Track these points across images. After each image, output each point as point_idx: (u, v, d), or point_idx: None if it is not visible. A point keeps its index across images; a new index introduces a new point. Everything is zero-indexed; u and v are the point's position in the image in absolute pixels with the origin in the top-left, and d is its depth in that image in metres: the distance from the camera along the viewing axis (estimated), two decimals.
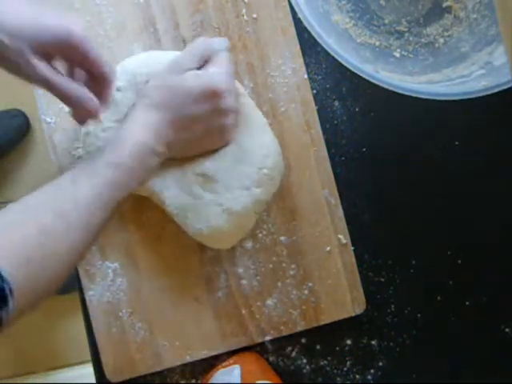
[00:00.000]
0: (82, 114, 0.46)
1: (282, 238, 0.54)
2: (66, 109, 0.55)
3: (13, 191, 1.25)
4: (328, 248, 0.54)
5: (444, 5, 0.55)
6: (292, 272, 0.54)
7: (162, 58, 0.52)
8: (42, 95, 0.55)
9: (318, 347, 0.55)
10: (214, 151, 0.50)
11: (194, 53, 0.49)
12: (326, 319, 0.54)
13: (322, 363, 0.55)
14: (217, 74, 0.48)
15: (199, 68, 0.49)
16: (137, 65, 0.52)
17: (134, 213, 0.54)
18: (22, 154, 1.22)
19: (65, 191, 0.42)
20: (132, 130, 0.46)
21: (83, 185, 0.43)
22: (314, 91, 0.56)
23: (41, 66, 0.42)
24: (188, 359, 0.54)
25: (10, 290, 0.35)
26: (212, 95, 0.47)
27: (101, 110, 0.46)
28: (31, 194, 0.42)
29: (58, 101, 0.54)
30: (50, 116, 0.55)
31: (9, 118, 1.16)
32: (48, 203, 0.41)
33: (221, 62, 0.49)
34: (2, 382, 1.19)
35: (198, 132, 0.48)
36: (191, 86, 0.47)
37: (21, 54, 0.41)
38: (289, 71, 0.55)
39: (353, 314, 0.54)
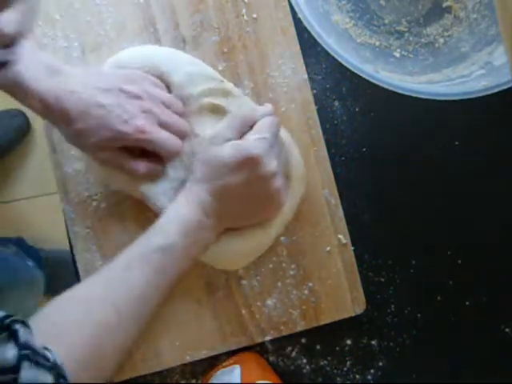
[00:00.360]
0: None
1: (282, 238, 0.54)
2: None
3: (13, 191, 1.25)
4: (328, 248, 0.54)
5: (444, 5, 0.55)
6: (292, 272, 0.54)
7: (156, 52, 0.52)
8: None
9: (318, 347, 0.55)
10: None
11: (233, 124, 0.49)
12: (326, 319, 0.54)
13: (322, 363, 0.55)
14: (254, 140, 0.47)
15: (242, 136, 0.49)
16: (130, 58, 0.52)
17: (134, 213, 0.54)
18: (22, 153, 1.22)
19: (118, 281, 0.44)
20: (178, 207, 0.47)
21: (135, 273, 0.43)
22: (314, 91, 0.56)
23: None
24: (188, 359, 0.54)
25: None
26: (248, 163, 0.46)
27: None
28: (88, 282, 0.44)
29: None
30: None
31: (9, 117, 1.16)
32: (103, 298, 0.42)
33: (261, 127, 0.48)
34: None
35: (243, 200, 0.48)
36: (226, 156, 0.47)
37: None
38: (289, 71, 0.55)
39: (353, 314, 0.54)
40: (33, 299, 1.07)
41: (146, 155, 0.50)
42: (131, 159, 0.49)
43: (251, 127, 0.49)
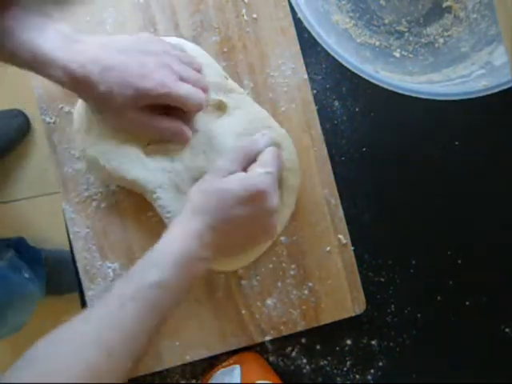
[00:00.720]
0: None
1: (282, 238, 0.54)
2: (66, 109, 0.55)
3: (13, 191, 1.25)
4: (328, 248, 0.54)
5: (444, 5, 0.55)
6: (292, 272, 0.54)
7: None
8: (42, 95, 0.55)
9: (318, 347, 0.55)
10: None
11: (237, 156, 0.48)
12: (326, 319, 0.54)
13: (322, 363, 0.55)
14: (260, 175, 0.47)
15: (245, 168, 0.48)
16: None
17: (134, 213, 0.54)
18: (22, 154, 1.21)
19: (111, 320, 0.42)
20: (174, 239, 0.46)
21: (129, 311, 0.42)
22: (314, 91, 0.56)
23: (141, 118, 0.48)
24: (188, 359, 0.54)
25: None
26: (256, 198, 0.46)
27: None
28: (79, 321, 0.42)
29: (57, 101, 0.55)
30: (50, 116, 0.55)
31: (9, 118, 1.16)
32: (95, 338, 0.41)
33: (265, 161, 0.48)
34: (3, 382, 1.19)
35: (241, 234, 0.48)
36: (233, 189, 0.46)
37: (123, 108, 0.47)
38: (289, 71, 0.55)
39: (353, 314, 0.54)
40: (27, 313, 1.07)
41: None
42: (158, 117, 0.49)
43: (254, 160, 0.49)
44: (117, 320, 0.42)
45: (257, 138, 0.50)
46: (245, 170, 0.48)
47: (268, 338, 0.54)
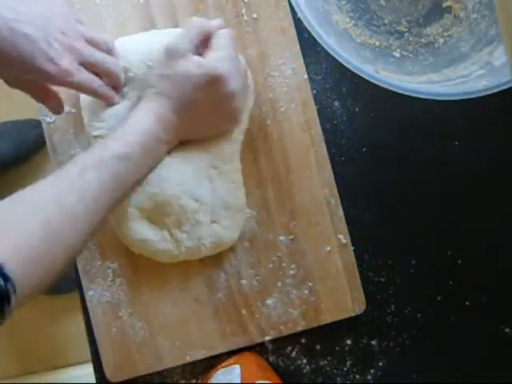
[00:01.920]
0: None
1: (282, 238, 0.54)
2: (66, 109, 0.55)
3: (13, 191, 1.25)
4: (328, 248, 0.54)
5: (444, 5, 0.55)
6: (292, 272, 0.54)
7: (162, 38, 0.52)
8: None
9: (318, 347, 0.55)
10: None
11: (191, 35, 0.48)
12: (326, 319, 0.54)
13: (322, 363, 0.55)
14: (219, 59, 0.47)
15: (199, 52, 0.48)
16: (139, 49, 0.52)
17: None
18: (37, 164, 1.22)
19: (71, 185, 0.43)
20: (138, 119, 0.47)
21: (90, 178, 0.43)
22: (314, 91, 0.56)
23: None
24: (188, 359, 0.54)
25: (14, 289, 0.36)
26: (215, 82, 0.47)
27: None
28: (38, 185, 0.42)
29: None
30: (50, 116, 0.55)
31: (28, 128, 1.17)
32: (54, 199, 0.41)
33: (223, 45, 0.48)
34: (3, 381, 1.19)
35: (204, 117, 0.49)
36: (192, 74, 0.47)
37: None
38: (289, 71, 0.55)
39: (353, 314, 0.54)
40: None
41: None
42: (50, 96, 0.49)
43: (205, 41, 0.49)
44: (76, 185, 0.42)
45: (208, 20, 0.49)
46: (199, 54, 0.48)
47: (268, 338, 0.54)
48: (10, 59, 0.43)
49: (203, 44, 0.49)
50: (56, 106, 0.50)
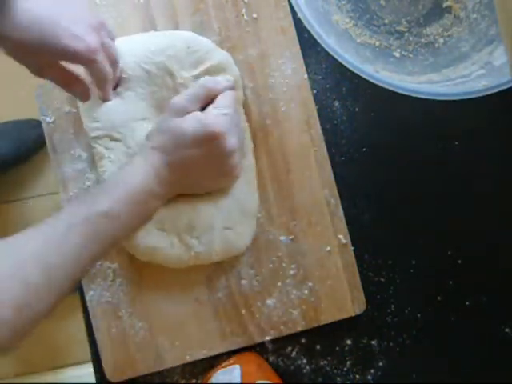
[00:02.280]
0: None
1: (282, 238, 0.54)
2: (66, 109, 0.55)
3: (13, 191, 1.25)
4: (328, 248, 0.54)
5: (444, 5, 0.55)
6: (292, 272, 0.54)
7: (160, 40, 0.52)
8: (42, 95, 0.55)
9: (318, 347, 0.55)
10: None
11: (196, 95, 0.48)
12: (326, 319, 0.54)
13: (322, 363, 0.55)
14: (217, 116, 0.47)
15: (203, 109, 0.48)
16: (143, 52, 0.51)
17: None
18: (37, 164, 1.22)
19: (56, 243, 0.42)
20: (133, 172, 0.47)
21: (75, 238, 0.42)
22: (314, 91, 0.56)
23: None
24: (188, 359, 0.54)
25: None
26: (211, 138, 0.46)
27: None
28: (26, 235, 0.42)
29: (57, 101, 0.55)
30: (50, 116, 0.55)
31: (28, 128, 1.17)
32: (37, 258, 0.41)
33: (223, 102, 0.48)
34: (2, 381, 1.19)
35: (201, 173, 0.49)
36: (189, 129, 0.46)
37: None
38: (289, 71, 0.55)
39: (353, 314, 0.54)
40: None
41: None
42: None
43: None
44: (61, 242, 0.42)
45: (219, 79, 0.50)
46: (201, 109, 0.48)
47: (268, 338, 0.54)
48: (35, 44, 0.42)
49: (210, 100, 0.49)
50: (83, 91, 0.49)
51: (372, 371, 0.55)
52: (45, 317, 0.41)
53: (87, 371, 0.64)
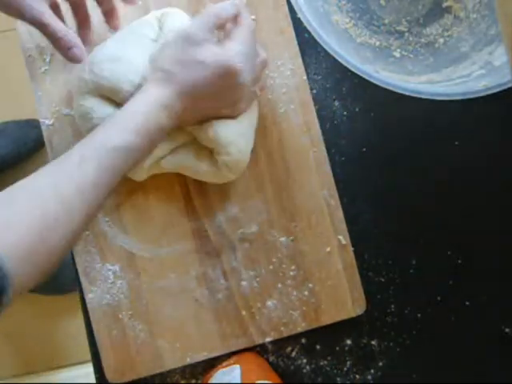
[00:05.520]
0: (68, 57, 0.48)
1: (282, 239, 0.54)
2: (65, 111, 0.55)
3: None
4: (328, 249, 0.54)
5: (444, 5, 0.54)
6: (292, 273, 0.54)
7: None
8: (41, 97, 0.55)
9: (318, 347, 0.55)
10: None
11: (210, 24, 0.46)
12: (326, 320, 0.54)
13: (321, 363, 0.55)
14: (237, 53, 0.46)
15: (218, 36, 0.47)
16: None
17: (133, 216, 0.54)
18: (37, 164, 1.22)
19: (71, 175, 0.42)
20: (143, 103, 0.45)
21: (89, 169, 0.42)
22: (314, 91, 0.56)
23: (38, 7, 0.45)
24: (188, 361, 0.54)
25: (9, 284, 0.36)
26: (228, 74, 0.46)
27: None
28: (38, 174, 0.42)
29: (56, 103, 0.55)
30: (49, 118, 0.55)
31: (28, 128, 1.17)
32: (53, 190, 0.41)
33: (243, 39, 0.47)
34: (2, 381, 1.19)
35: (206, 105, 0.48)
36: (208, 64, 0.45)
37: None
38: (288, 72, 0.54)
39: (353, 315, 0.54)
40: None
41: None
42: (54, 17, 0.47)
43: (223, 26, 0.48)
44: (76, 176, 0.42)
45: (226, 5, 0.48)
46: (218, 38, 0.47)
47: (268, 339, 0.54)
48: None
49: (221, 28, 0.48)
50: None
51: (372, 371, 0.55)
52: (61, 253, 0.41)
53: (87, 371, 0.64)
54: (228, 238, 0.54)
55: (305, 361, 0.55)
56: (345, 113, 0.56)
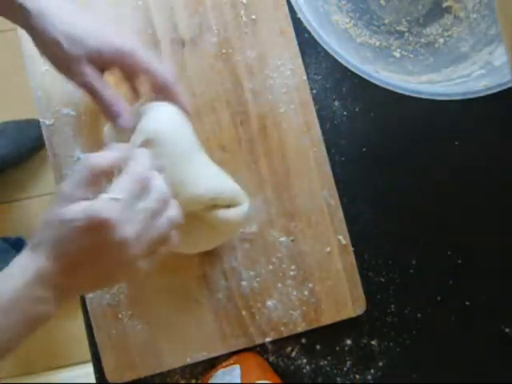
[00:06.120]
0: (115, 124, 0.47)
1: (282, 239, 0.54)
2: (65, 111, 0.55)
3: (13, 191, 1.25)
4: (328, 249, 0.54)
5: (444, 5, 0.54)
6: (292, 273, 0.54)
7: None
8: (41, 97, 0.55)
9: (318, 347, 0.55)
10: None
11: (80, 178, 0.40)
12: (326, 320, 0.54)
13: (321, 363, 0.55)
14: (106, 202, 0.39)
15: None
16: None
17: None
18: (37, 164, 1.22)
19: None
20: (10, 274, 0.39)
21: None
22: (314, 91, 0.56)
23: (90, 74, 0.46)
24: (188, 361, 0.54)
25: None
26: (99, 228, 0.38)
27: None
28: None
29: (56, 102, 0.55)
30: (49, 118, 0.55)
31: (28, 128, 1.16)
32: None
33: (119, 185, 0.40)
34: (2, 382, 1.19)
35: (93, 269, 0.41)
36: (74, 221, 0.38)
37: (77, 60, 0.45)
38: (288, 72, 0.54)
39: (353, 315, 0.54)
40: None
41: None
42: (104, 81, 0.47)
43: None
44: None
45: (105, 153, 0.41)
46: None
47: (268, 339, 0.54)
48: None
49: (98, 181, 0.40)
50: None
51: (372, 371, 0.55)
52: None
53: (87, 371, 0.64)
54: None
55: (305, 361, 0.55)
56: (345, 113, 0.56)
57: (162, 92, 0.48)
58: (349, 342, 0.55)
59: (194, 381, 0.55)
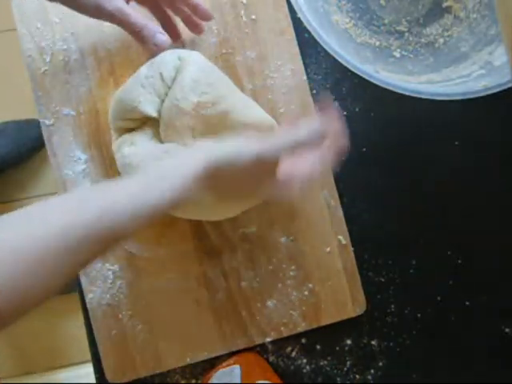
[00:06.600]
0: (150, 49, 0.49)
1: (282, 239, 0.54)
2: (65, 111, 0.55)
3: (13, 191, 1.25)
4: (328, 249, 0.54)
5: (444, 5, 0.55)
6: (292, 273, 0.54)
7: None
8: (41, 97, 0.55)
9: (318, 347, 0.55)
10: None
11: (279, 147, 0.41)
12: (326, 320, 0.54)
13: (321, 363, 0.55)
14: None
15: None
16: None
17: None
18: (37, 164, 1.22)
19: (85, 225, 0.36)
20: (182, 163, 0.40)
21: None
22: (314, 91, 0.56)
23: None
24: (188, 361, 0.54)
25: None
26: (263, 168, 0.42)
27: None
28: (51, 206, 0.37)
29: (56, 102, 0.55)
30: (49, 118, 0.55)
31: (28, 128, 1.16)
32: (61, 230, 0.36)
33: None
34: (2, 382, 1.20)
35: (239, 190, 0.44)
36: (262, 158, 0.41)
37: None
38: (288, 72, 0.55)
39: (353, 315, 0.54)
40: None
41: None
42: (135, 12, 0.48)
43: None
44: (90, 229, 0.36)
45: (311, 131, 0.42)
46: None
47: (268, 339, 0.54)
48: None
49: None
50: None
51: (372, 371, 0.55)
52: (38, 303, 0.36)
53: (87, 371, 0.64)
54: (228, 237, 0.54)
55: (305, 361, 0.55)
56: (345, 113, 0.56)
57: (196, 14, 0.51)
58: (349, 342, 0.55)
59: (193, 381, 0.55)
